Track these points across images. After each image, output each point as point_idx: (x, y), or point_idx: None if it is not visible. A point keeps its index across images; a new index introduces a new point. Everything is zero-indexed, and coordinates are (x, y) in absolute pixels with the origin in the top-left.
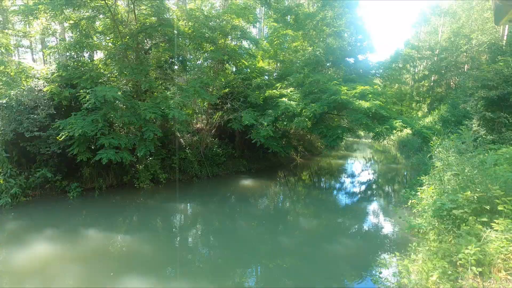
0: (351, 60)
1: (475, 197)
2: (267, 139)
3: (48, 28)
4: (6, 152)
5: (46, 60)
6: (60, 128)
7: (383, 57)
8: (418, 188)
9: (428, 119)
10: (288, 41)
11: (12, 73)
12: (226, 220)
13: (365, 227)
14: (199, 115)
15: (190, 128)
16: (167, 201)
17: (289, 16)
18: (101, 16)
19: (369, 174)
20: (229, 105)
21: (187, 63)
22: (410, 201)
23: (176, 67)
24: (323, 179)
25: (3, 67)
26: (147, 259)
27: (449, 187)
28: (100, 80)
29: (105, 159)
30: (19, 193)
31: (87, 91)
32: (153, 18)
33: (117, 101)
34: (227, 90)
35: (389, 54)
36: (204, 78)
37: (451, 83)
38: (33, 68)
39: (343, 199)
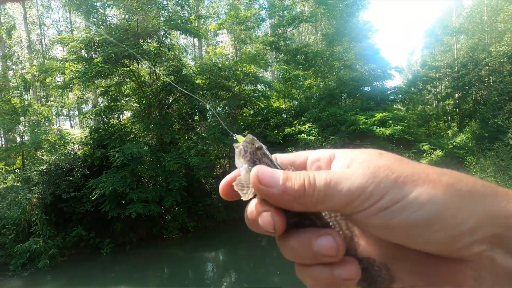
0: (367, 89)
1: None
2: None
3: (81, 97)
4: (45, 214)
5: (82, 122)
6: (93, 187)
7: (402, 81)
8: None
9: (460, 138)
10: (301, 80)
11: (52, 140)
12: (259, 267)
13: None
14: (222, 160)
15: (213, 173)
16: (197, 251)
17: (299, 56)
18: (127, 80)
19: None
20: None
21: (208, 112)
22: None
23: (196, 116)
24: None
25: (45, 136)
26: None
27: None
28: (128, 138)
29: (134, 213)
30: (56, 253)
31: (116, 150)
32: (171, 76)
33: (143, 156)
34: (246, 132)
35: (407, 78)
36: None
37: (478, 98)
38: (69, 133)
39: None
